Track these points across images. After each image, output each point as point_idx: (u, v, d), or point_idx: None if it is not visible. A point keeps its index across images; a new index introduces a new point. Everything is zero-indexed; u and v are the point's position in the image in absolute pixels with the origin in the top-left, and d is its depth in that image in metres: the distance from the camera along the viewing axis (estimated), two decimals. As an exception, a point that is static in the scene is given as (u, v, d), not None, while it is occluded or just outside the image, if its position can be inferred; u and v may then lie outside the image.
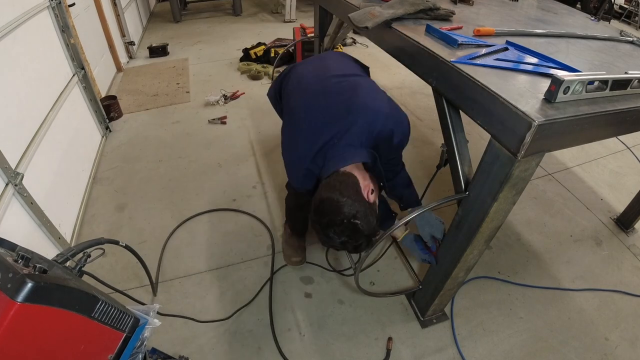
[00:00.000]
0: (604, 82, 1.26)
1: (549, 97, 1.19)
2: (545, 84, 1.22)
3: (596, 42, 1.88)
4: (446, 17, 1.99)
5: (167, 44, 5.82)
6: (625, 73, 1.34)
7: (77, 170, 3.03)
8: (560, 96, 1.18)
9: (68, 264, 1.31)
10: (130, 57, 5.68)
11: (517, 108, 1.15)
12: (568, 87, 1.17)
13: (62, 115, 2.82)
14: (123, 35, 5.42)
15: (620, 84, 1.29)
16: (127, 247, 1.63)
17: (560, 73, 1.20)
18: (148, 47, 5.72)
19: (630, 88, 1.31)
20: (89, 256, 1.39)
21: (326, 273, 2.52)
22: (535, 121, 1.09)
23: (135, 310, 1.33)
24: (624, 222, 2.93)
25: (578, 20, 2.27)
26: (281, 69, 5.13)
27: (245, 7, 7.95)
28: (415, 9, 1.94)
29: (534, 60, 1.54)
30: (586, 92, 1.22)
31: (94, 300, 1.09)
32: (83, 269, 1.36)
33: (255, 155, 3.56)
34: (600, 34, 1.96)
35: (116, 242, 1.55)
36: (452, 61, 1.48)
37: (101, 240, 1.45)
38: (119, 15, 5.22)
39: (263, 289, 2.42)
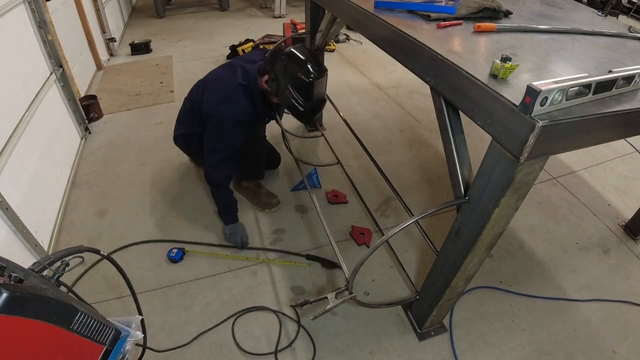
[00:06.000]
0: (587, 86, 1.21)
1: (524, 111, 1.13)
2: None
3: (603, 38, 1.89)
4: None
5: (150, 41, 5.81)
6: (609, 72, 1.30)
7: (54, 174, 3.02)
8: (537, 109, 1.10)
9: (45, 272, 1.30)
10: (111, 55, 5.67)
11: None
12: (546, 98, 1.10)
13: (39, 116, 2.81)
14: (103, 31, 5.41)
15: (605, 86, 1.25)
16: (107, 258, 1.60)
17: (537, 82, 1.09)
18: (130, 44, 5.72)
19: (615, 88, 1.29)
20: (67, 264, 1.38)
21: (317, 282, 2.52)
22: (539, 122, 1.09)
23: (116, 321, 1.32)
24: (632, 229, 2.95)
25: (584, 16, 2.29)
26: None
27: (232, 2, 7.96)
28: (480, 7, 1.97)
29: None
30: (566, 100, 1.16)
31: (72, 311, 1.08)
32: (61, 278, 1.35)
33: (243, 158, 3.55)
34: (608, 30, 1.97)
35: (97, 252, 1.52)
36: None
37: (80, 248, 1.43)
38: (99, 10, 5.21)
39: (250, 299, 2.42)
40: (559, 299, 2.48)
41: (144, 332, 1.79)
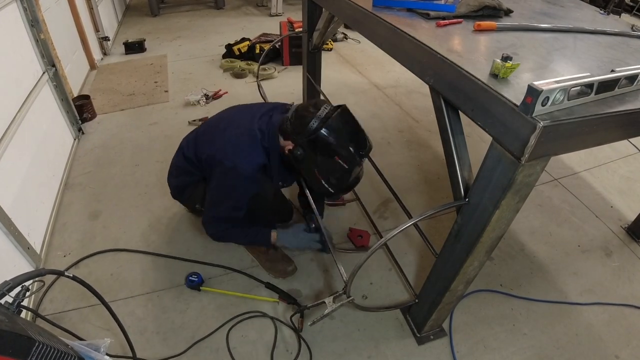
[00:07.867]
0: (589, 85, 1.20)
1: (525, 111, 1.12)
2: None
3: (606, 37, 1.89)
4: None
5: (144, 40, 5.81)
6: (612, 71, 1.29)
7: (47, 175, 3.00)
8: (539, 109, 1.09)
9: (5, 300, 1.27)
10: (105, 54, 5.67)
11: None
12: (547, 98, 1.09)
13: (31, 117, 2.80)
14: (97, 30, 5.41)
15: (607, 86, 1.25)
16: (75, 279, 1.52)
17: (538, 82, 1.08)
18: (124, 43, 5.71)
19: (618, 88, 1.29)
20: (28, 290, 1.34)
21: (315, 285, 2.52)
22: (540, 122, 1.08)
23: (81, 346, 1.29)
24: (635, 231, 2.95)
25: (586, 14, 2.29)
26: (267, 67, 5.15)
27: (228, 0, 7.97)
28: (480, 5, 1.96)
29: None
30: (568, 100, 1.16)
31: (29, 343, 1.06)
32: (22, 303, 1.31)
33: (239, 159, 3.53)
34: (610, 28, 1.97)
35: (61, 273, 1.45)
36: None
37: (42, 271, 1.38)
38: (92, 8, 5.21)
39: (246, 303, 2.41)
40: (560, 302, 2.48)
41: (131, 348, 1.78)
